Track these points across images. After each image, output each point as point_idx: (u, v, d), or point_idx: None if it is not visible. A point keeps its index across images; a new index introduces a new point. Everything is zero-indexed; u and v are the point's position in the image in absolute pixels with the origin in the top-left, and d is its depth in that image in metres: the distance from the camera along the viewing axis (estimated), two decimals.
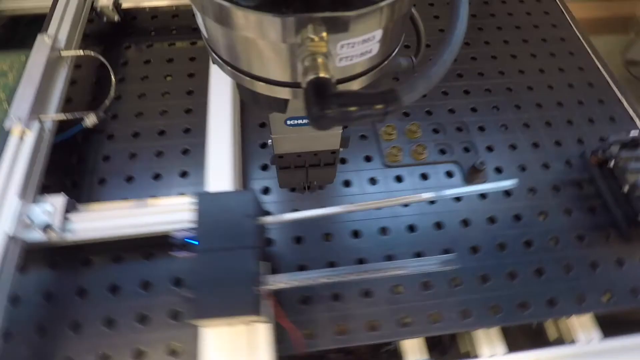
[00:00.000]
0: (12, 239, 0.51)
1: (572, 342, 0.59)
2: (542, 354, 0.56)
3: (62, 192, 0.57)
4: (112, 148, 0.71)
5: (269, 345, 0.46)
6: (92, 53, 0.70)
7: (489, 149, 0.74)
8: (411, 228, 0.65)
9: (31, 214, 0.54)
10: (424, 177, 0.70)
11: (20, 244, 0.53)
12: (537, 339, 0.64)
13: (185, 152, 0.71)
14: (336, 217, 0.64)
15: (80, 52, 0.69)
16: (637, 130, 0.68)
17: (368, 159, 0.72)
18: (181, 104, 0.76)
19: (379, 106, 0.20)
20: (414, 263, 0.41)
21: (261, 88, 0.27)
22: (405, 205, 0.66)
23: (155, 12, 0.90)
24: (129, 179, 0.68)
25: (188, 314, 0.41)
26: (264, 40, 0.22)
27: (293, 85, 0.26)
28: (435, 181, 0.70)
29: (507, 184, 0.43)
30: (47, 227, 0.54)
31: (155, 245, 0.61)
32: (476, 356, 0.59)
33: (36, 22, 0.74)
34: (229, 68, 0.28)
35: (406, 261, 0.46)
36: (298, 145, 0.39)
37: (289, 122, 0.35)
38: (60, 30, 0.70)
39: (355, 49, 0.23)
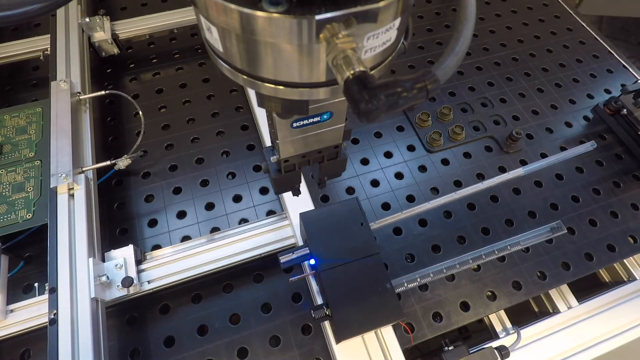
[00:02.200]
0: (94, 301, 0.48)
1: (628, 280, 0.64)
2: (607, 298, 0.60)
3: (130, 244, 0.54)
4: (152, 186, 0.67)
5: (397, 343, 0.46)
6: (116, 91, 0.65)
7: (515, 118, 0.78)
8: (470, 206, 0.67)
9: (107, 271, 0.50)
10: (467, 155, 0.73)
11: (103, 304, 0.49)
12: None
13: (230, 175, 0.69)
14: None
15: (102, 93, 0.65)
16: None
17: (411, 148, 0.73)
18: (210, 128, 0.74)
19: (421, 86, 0.21)
20: (526, 236, 0.43)
21: (288, 93, 0.26)
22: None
23: (151, 39, 0.85)
24: (181, 215, 0.65)
25: (337, 335, 0.40)
26: (294, 44, 0.21)
27: (322, 84, 0.25)
28: (478, 157, 0.73)
29: (586, 146, 0.46)
30: (126, 282, 0.50)
31: (231, 276, 0.59)
32: (554, 312, 0.63)
33: None
34: (248, 78, 0.26)
35: (517, 237, 0.48)
36: (303, 146, 0.38)
37: (295, 125, 0.35)
38: (72, 73, 0.65)
39: (379, 39, 0.24)
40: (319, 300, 0.48)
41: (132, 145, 0.66)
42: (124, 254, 0.53)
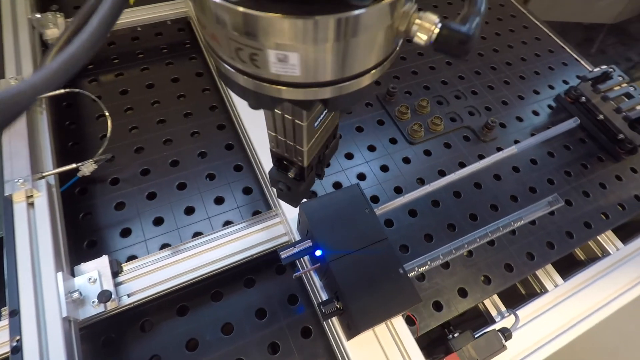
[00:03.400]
0: (66, 322, 0.41)
1: (603, 255, 0.68)
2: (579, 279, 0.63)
3: (104, 255, 0.48)
4: (122, 193, 0.61)
5: (409, 332, 0.44)
6: (78, 90, 0.59)
7: (487, 108, 0.81)
8: (456, 194, 0.68)
9: (79, 286, 0.44)
10: (447, 145, 0.74)
11: (76, 324, 0.43)
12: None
13: (209, 177, 0.64)
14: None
15: (61, 91, 0.58)
16: (605, 67, 0.80)
17: (393, 141, 0.73)
18: (184, 129, 0.69)
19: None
20: (527, 212, 0.43)
21: (364, 81, 0.24)
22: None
23: (111, 39, 0.79)
24: (158, 221, 0.59)
25: (354, 328, 0.37)
26: (384, 27, 0.21)
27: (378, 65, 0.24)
28: (458, 147, 0.74)
29: (570, 123, 0.47)
30: (103, 296, 0.44)
31: (220, 283, 0.55)
32: (542, 291, 0.64)
33: None
34: (312, 89, 0.23)
35: (518, 213, 0.48)
36: (319, 142, 0.37)
37: (316, 124, 0.33)
38: (23, 71, 0.58)
39: None
40: (323, 296, 0.45)
41: (96, 151, 0.60)
42: (98, 267, 0.47)
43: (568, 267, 0.70)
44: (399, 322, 0.44)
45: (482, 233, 0.42)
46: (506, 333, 0.53)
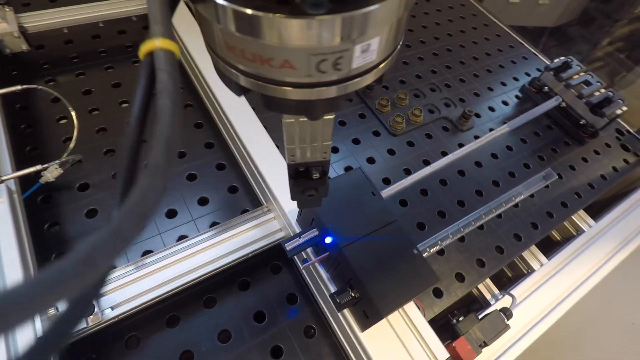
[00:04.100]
0: None
1: (578, 233, 0.71)
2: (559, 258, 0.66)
3: None
4: (94, 199, 0.55)
5: (421, 316, 0.43)
6: (38, 86, 0.53)
7: (461, 100, 0.83)
8: (442, 182, 0.68)
9: None
10: (428, 136, 0.75)
11: None
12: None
13: (191, 177, 0.60)
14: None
15: (17, 88, 0.52)
16: (564, 57, 0.85)
17: (376, 133, 0.73)
18: None
19: None
20: (524, 187, 0.44)
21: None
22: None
23: (69, 36, 0.73)
24: None
25: (374, 315, 0.35)
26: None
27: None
28: (438, 137, 0.75)
29: (552, 102, 0.49)
30: None
31: (212, 288, 0.50)
32: (529, 272, 0.66)
33: None
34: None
35: (517, 189, 0.49)
36: None
37: None
38: None
39: None
40: (332, 288, 0.43)
41: (59, 155, 0.54)
42: None
43: (547, 247, 0.73)
44: (411, 308, 0.43)
45: (486, 210, 0.42)
46: (507, 312, 0.53)
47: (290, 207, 0.49)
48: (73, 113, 0.54)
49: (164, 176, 0.14)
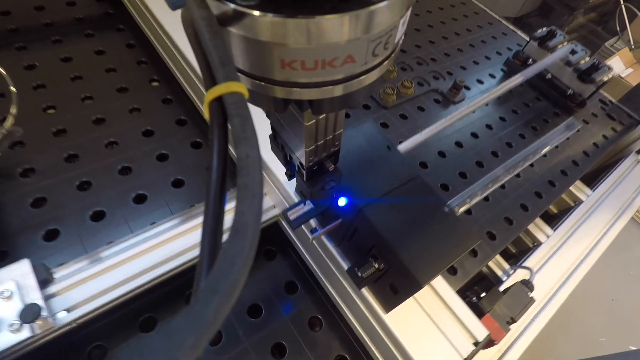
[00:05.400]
0: None
1: (576, 204, 0.69)
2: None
3: (25, 259, 0.33)
4: (41, 185, 0.45)
5: (448, 285, 0.37)
6: None
7: (449, 73, 0.79)
8: (441, 154, 0.63)
9: None
10: (421, 109, 0.70)
11: None
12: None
13: (161, 157, 0.52)
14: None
15: None
16: (546, 28, 0.83)
17: (366, 107, 0.67)
18: (119, 106, 0.55)
19: None
20: (548, 139, 0.39)
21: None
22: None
23: (5, 6, 0.62)
24: (98, 216, 0.45)
25: (406, 288, 0.28)
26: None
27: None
28: (431, 110, 0.71)
29: (564, 50, 0.45)
30: (28, 314, 0.30)
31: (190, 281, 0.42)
32: (536, 244, 0.62)
33: None
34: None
35: (539, 141, 0.44)
36: None
37: None
38: None
39: None
40: (344, 265, 0.36)
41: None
42: (14, 275, 0.32)
43: (546, 220, 0.70)
44: (438, 281, 0.36)
45: (511, 165, 0.37)
46: (529, 285, 0.48)
47: (283, 178, 0.42)
48: (12, 87, 0.45)
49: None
